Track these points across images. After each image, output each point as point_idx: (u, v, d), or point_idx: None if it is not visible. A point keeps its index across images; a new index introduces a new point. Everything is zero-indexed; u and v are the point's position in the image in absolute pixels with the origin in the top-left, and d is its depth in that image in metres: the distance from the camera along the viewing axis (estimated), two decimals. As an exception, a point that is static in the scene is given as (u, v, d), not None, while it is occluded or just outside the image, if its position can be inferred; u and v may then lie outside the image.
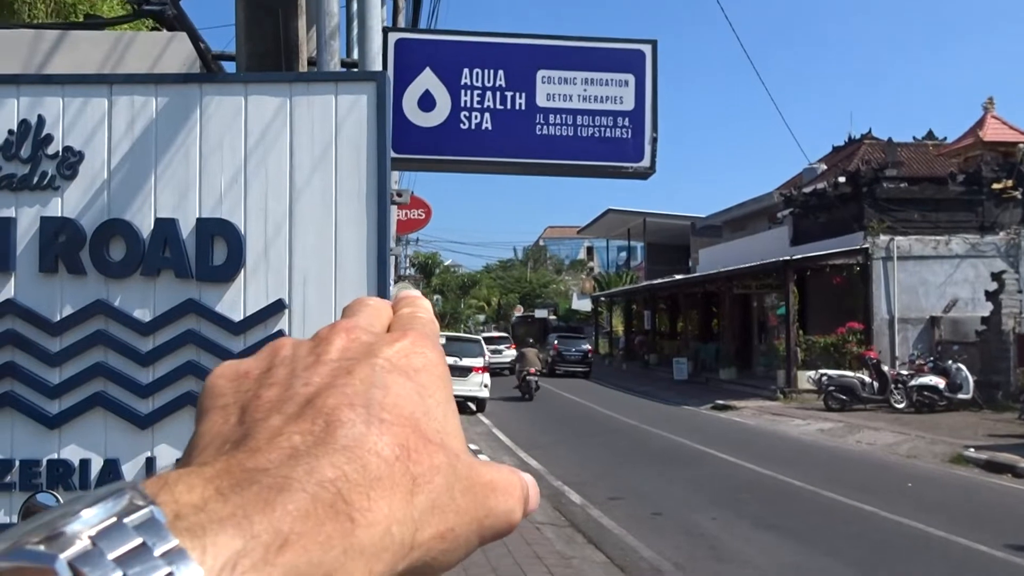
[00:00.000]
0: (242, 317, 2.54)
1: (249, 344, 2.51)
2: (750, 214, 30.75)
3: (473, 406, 18.29)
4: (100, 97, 2.61)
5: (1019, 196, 21.00)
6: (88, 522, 0.26)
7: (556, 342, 32.21)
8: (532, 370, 21.27)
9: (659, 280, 33.26)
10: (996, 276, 18.56)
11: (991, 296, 18.47)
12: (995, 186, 21.17)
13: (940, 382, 16.86)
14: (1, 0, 6.22)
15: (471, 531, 0.35)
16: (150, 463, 2.50)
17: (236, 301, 2.56)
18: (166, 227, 2.56)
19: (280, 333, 2.51)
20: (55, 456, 2.51)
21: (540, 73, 4.02)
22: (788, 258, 21.48)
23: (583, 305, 49.08)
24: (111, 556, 0.26)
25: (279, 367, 0.37)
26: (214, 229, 2.56)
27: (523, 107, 3.99)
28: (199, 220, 2.57)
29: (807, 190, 25.46)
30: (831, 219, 23.10)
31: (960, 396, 16.73)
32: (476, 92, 4.00)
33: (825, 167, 28.78)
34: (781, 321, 22.41)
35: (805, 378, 20.13)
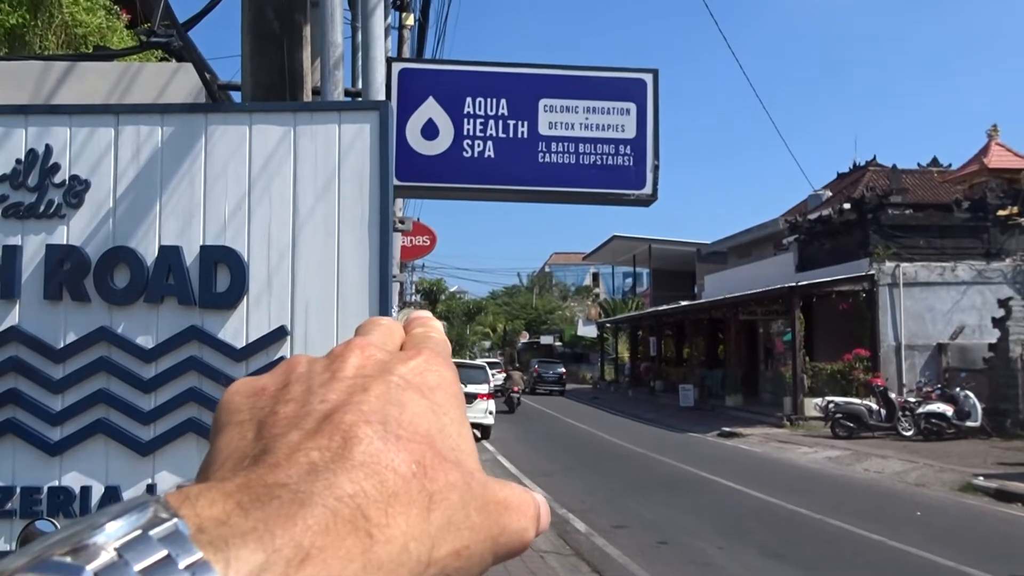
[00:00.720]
0: (244, 344, 2.55)
1: (251, 371, 2.52)
2: (755, 240, 30.75)
3: (478, 433, 18.20)
4: (106, 127, 2.65)
5: (1024, 223, 20.99)
6: (113, 535, 0.27)
7: (536, 366, 38.99)
8: (515, 388, 26.72)
9: (665, 306, 33.22)
10: (1003, 303, 18.48)
11: (998, 323, 18.38)
12: (1000, 213, 21.17)
13: (948, 409, 16.73)
14: (13, 32, 6.32)
15: (486, 549, 0.35)
16: (151, 490, 2.50)
17: (239, 328, 2.57)
18: (170, 254, 2.58)
19: (282, 360, 2.52)
20: (56, 483, 2.52)
21: (542, 102, 4.06)
22: (794, 284, 21.44)
23: (589, 331, 48.99)
24: (137, 568, 0.26)
25: (295, 384, 0.38)
26: (217, 256, 2.58)
27: (525, 135, 4.03)
28: (203, 247, 2.59)
29: (812, 217, 25.49)
30: (836, 246, 23.10)
31: (969, 424, 16.60)
32: (479, 121, 4.03)
33: (830, 194, 28.83)
34: (787, 348, 22.32)
35: (812, 405, 20.00)
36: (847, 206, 23.18)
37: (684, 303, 31.27)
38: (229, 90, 4.54)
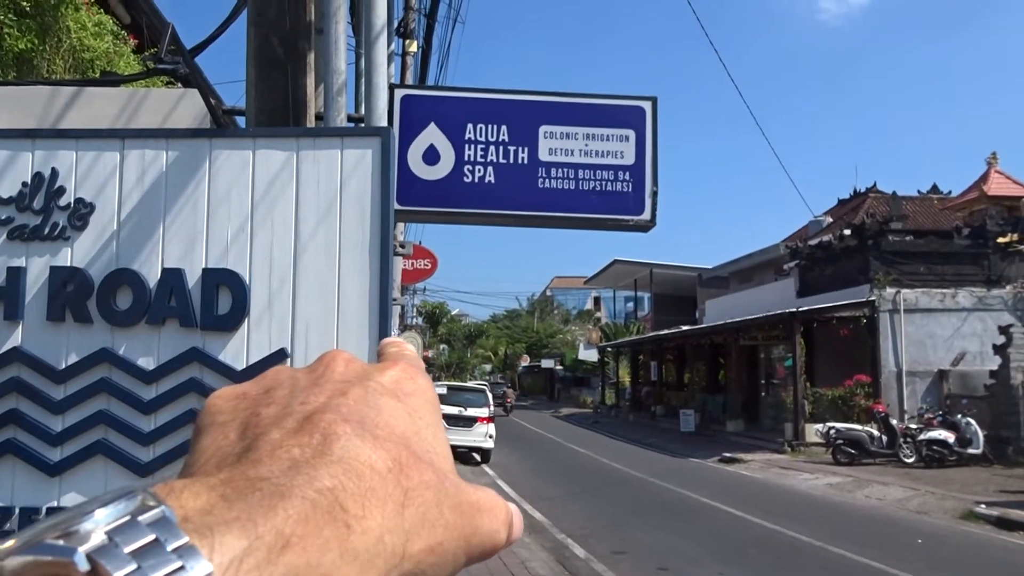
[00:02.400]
0: (245, 366, 2.57)
1: (250, 393, 2.54)
2: (756, 265, 30.79)
3: (478, 457, 18.13)
4: (112, 151, 2.69)
5: (1024, 250, 21.04)
6: (102, 520, 0.28)
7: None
8: (509, 399, 39.63)
9: (666, 331, 33.19)
10: (1004, 330, 18.46)
11: (999, 350, 18.35)
12: (1000, 240, 21.23)
13: (950, 436, 16.66)
14: (22, 57, 6.41)
15: (459, 547, 0.36)
16: (149, 511, 2.50)
17: (239, 350, 2.59)
18: (172, 277, 2.61)
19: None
20: (55, 503, 2.52)
21: (542, 128, 4.11)
22: (794, 310, 21.44)
23: (590, 355, 48.89)
24: (127, 550, 0.27)
25: (277, 389, 0.40)
26: (219, 279, 2.61)
27: (526, 161, 4.07)
28: (205, 270, 2.62)
29: (813, 242, 25.55)
30: (837, 271, 23.13)
31: (970, 451, 16.52)
32: (480, 146, 4.08)
33: (831, 220, 28.91)
34: (788, 373, 22.27)
35: (813, 431, 19.91)
36: (848, 232, 23.25)
37: (685, 328, 31.25)
38: (234, 115, 4.60)
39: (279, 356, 2.56)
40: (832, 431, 17.94)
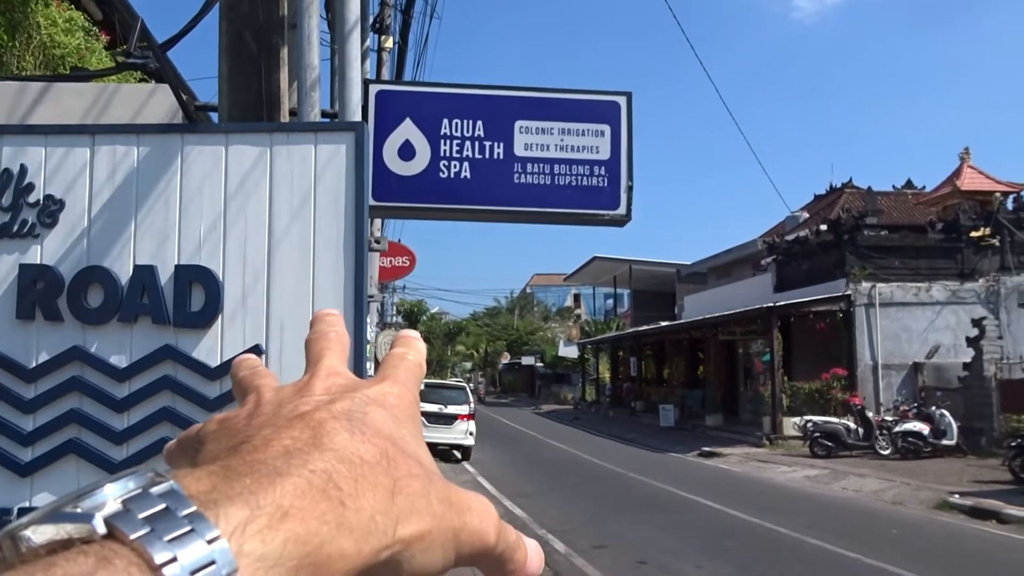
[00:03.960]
0: (219, 363, 2.55)
1: (225, 390, 2.52)
2: (735, 261, 31.01)
3: (458, 454, 18.11)
4: (82, 147, 2.66)
5: (997, 244, 21.34)
6: (114, 494, 0.30)
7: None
8: (482, 392, 42.09)
9: (645, 327, 33.34)
10: (977, 322, 18.74)
11: (972, 342, 18.62)
12: (973, 234, 21.52)
13: (925, 428, 16.89)
14: (-10, 52, 6.30)
15: (447, 540, 0.38)
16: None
17: (213, 347, 2.58)
18: (144, 274, 2.59)
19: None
20: (26, 504, 2.50)
21: (518, 123, 4.11)
22: (772, 304, 21.62)
23: (570, 352, 49.01)
24: (140, 516, 0.29)
25: (265, 405, 0.41)
26: (192, 276, 2.59)
27: (501, 156, 4.07)
28: (178, 267, 2.60)
29: (790, 238, 25.77)
30: (813, 266, 23.34)
31: (945, 442, 16.75)
32: (455, 142, 4.07)
33: (807, 215, 29.16)
34: (766, 367, 22.46)
35: (791, 424, 20.12)
36: (824, 227, 23.47)
37: (664, 324, 31.41)
38: (206, 111, 4.55)
39: (254, 352, 2.54)
40: (809, 424, 18.14)
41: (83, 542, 0.28)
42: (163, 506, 0.30)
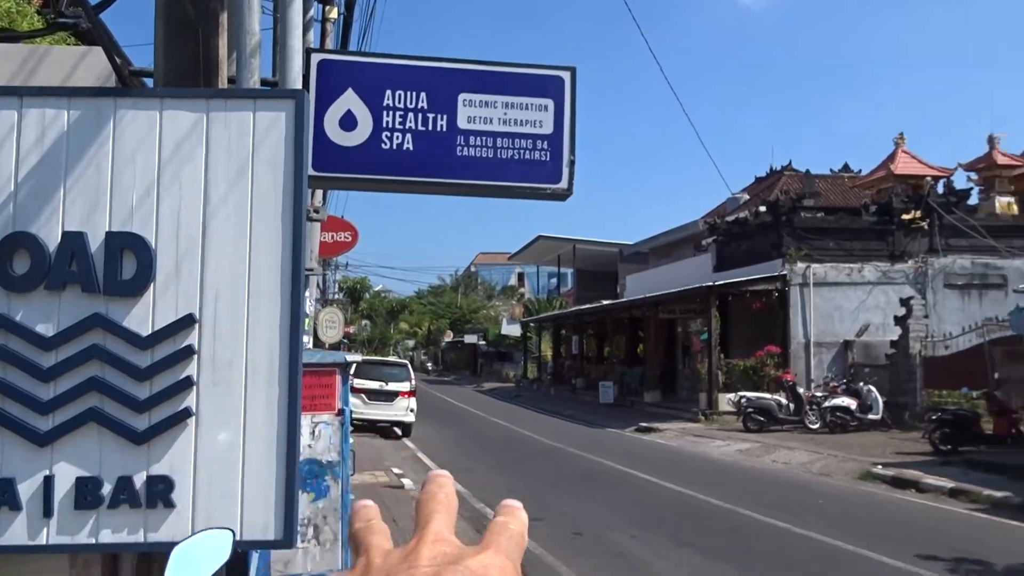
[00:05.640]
0: (150, 332, 2.51)
1: (157, 359, 2.48)
2: (676, 241, 31.50)
3: (399, 431, 18.12)
4: (10, 109, 2.57)
5: (926, 227, 22.13)
6: None
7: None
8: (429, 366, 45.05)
9: (587, 305, 33.68)
10: (904, 302, 19.47)
11: (900, 321, 19.35)
12: (904, 217, 22.28)
13: (852, 403, 17.53)
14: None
15: None
16: (48, 482, 2.43)
17: (145, 316, 2.52)
18: (74, 240, 2.52)
19: (189, 348, 2.49)
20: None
21: (462, 96, 4.09)
22: (711, 284, 22.06)
23: (513, 330, 49.22)
24: None
25: (375, 573, 0.43)
26: (124, 243, 2.53)
27: (444, 129, 4.05)
28: (108, 234, 2.53)
29: (730, 219, 26.28)
30: (752, 247, 23.88)
31: (871, 417, 17.43)
32: (398, 113, 4.04)
33: (748, 197, 29.75)
34: (704, 345, 22.95)
35: (726, 400, 20.65)
36: (763, 209, 24.01)
37: (606, 302, 31.79)
38: (142, 76, 4.41)
39: (187, 321, 2.51)
40: (743, 400, 18.66)
41: None
42: None
